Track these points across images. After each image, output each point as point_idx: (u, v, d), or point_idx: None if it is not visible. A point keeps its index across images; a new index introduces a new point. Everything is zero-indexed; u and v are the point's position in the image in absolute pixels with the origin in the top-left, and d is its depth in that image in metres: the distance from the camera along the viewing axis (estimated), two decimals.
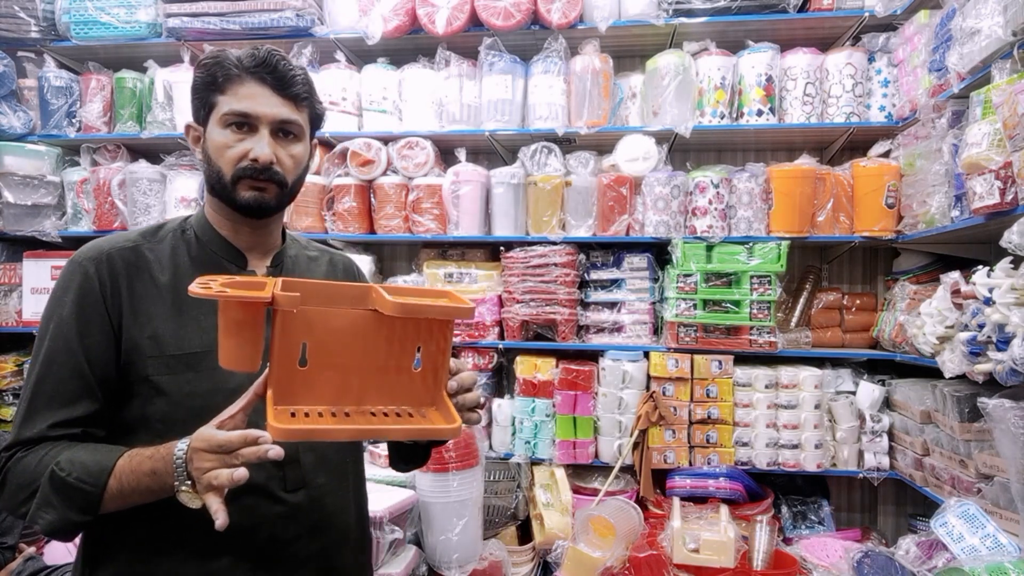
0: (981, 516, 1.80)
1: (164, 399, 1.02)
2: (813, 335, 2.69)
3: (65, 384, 1.00)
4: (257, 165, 1.06)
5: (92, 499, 0.93)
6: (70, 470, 0.93)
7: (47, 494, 0.94)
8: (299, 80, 1.09)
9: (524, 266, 2.70)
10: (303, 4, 2.78)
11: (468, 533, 2.29)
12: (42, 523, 0.95)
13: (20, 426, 0.99)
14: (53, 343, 1.01)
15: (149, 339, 1.03)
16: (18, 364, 3.04)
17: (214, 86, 1.07)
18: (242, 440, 0.85)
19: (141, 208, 2.92)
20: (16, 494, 0.96)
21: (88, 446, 0.98)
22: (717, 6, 2.58)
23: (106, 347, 1.02)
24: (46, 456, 0.96)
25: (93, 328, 1.02)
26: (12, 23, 2.93)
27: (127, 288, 1.05)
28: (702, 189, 2.61)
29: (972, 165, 1.84)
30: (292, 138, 1.10)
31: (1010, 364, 1.65)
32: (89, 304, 1.02)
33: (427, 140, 2.78)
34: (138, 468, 0.93)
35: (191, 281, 0.99)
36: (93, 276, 1.03)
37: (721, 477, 2.51)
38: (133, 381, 1.03)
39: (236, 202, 1.07)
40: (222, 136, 1.06)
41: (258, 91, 1.06)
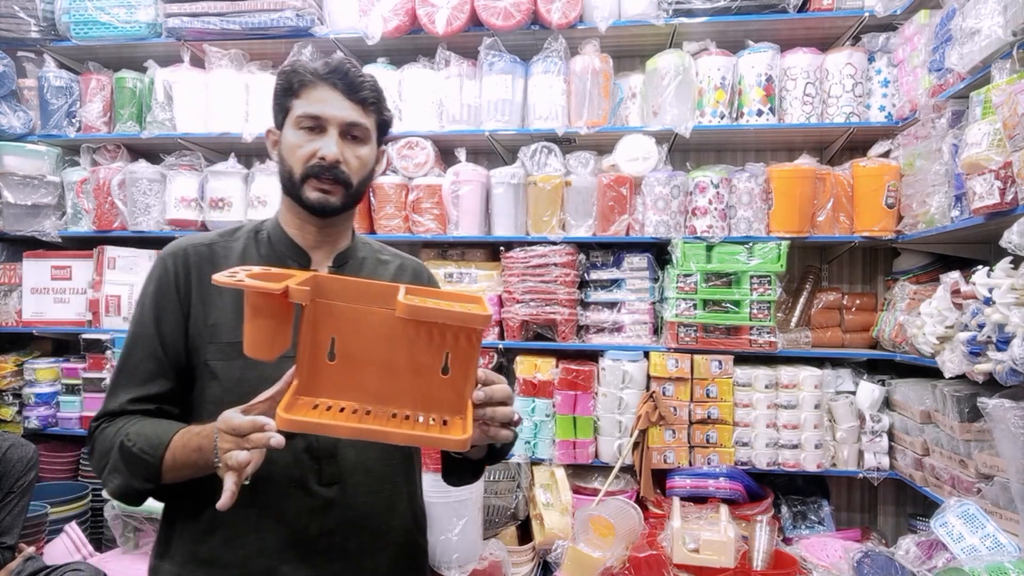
0: (981, 516, 1.80)
1: (217, 383, 1.11)
2: (813, 335, 2.69)
3: (143, 364, 1.12)
4: (324, 163, 1.12)
5: (152, 468, 1.03)
6: (135, 441, 1.04)
7: (116, 461, 1.05)
8: (367, 86, 1.16)
9: (524, 266, 2.70)
10: (303, 4, 2.78)
11: (468, 533, 2.29)
12: (112, 486, 1.07)
13: (106, 400, 1.13)
14: (136, 328, 1.14)
15: (210, 326, 1.13)
16: (18, 364, 3.04)
17: (290, 92, 1.16)
18: (251, 426, 0.90)
19: (141, 208, 2.92)
20: (99, 460, 1.09)
21: (155, 421, 1.08)
22: (717, 6, 2.58)
23: (178, 333, 1.13)
24: (121, 428, 1.07)
25: (168, 315, 1.13)
26: (12, 23, 2.93)
27: (197, 280, 1.14)
28: (702, 189, 2.61)
29: (972, 165, 1.84)
30: (359, 141, 1.17)
31: (1010, 364, 1.65)
32: (165, 294, 1.14)
33: (427, 140, 2.78)
34: (188, 444, 1.01)
35: None
36: (170, 269, 1.15)
37: (721, 477, 2.51)
38: (196, 364, 1.13)
39: (303, 201, 1.15)
40: (295, 137, 1.15)
41: (329, 95, 1.14)
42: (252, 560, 1.09)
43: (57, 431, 2.99)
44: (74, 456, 2.99)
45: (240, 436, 0.90)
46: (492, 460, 1.21)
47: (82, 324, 2.99)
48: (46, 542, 2.43)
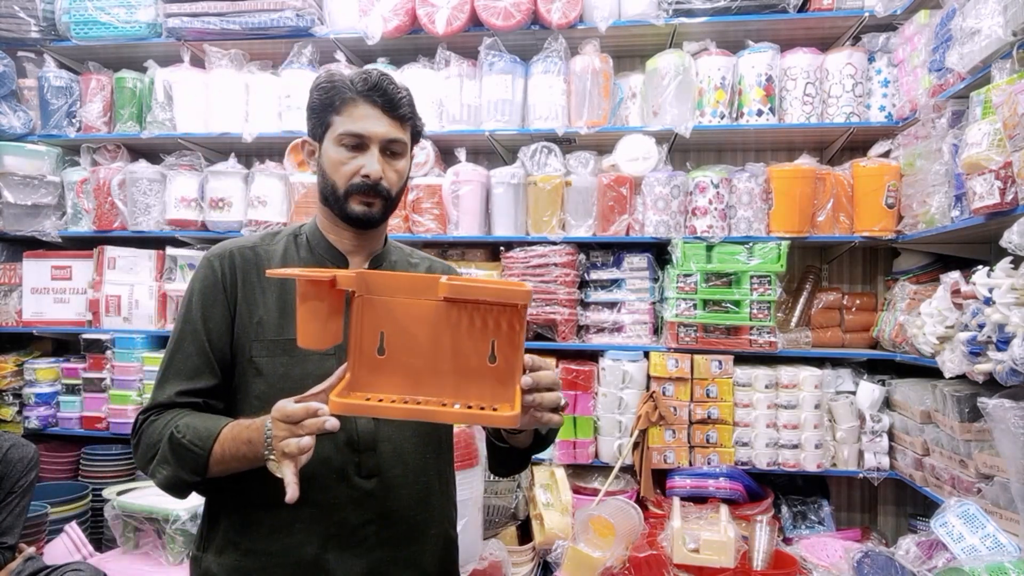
0: (981, 516, 1.80)
1: (262, 379, 1.16)
2: (813, 335, 2.69)
3: (191, 359, 1.16)
4: (368, 181, 1.17)
5: (200, 460, 1.06)
6: (185, 432, 1.07)
7: (165, 452, 1.08)
8: (405, 102, 1.20)
9: (524, 266, 2.70)
10: (303, 4, 2.78)
11: (468, 533, 2.29)
12: (159, 477, 1.09)
13: (154, 393, 1.17)
14: (183, 325, 1.18)
15: (256, 324, 1.18)
16: (18, 364, 3.04)
17: (331, 107, 1.18)
18: (305, 411, 0.94)
19: (141, 208, 2.92)
20: (146, 451, 1.12)
21: (203, 415, 1.12)
22: (717, 6, 2.58)
23: (224, 330, 1.18)
24: (171, 420, 1.10)
25: (215, 313, 1.18)
26: (12, 23, 2.93)
27: (243, 280, 1.20)
28: (702, 189, 2.61)
29: (972, 165, 1.84)
30: (397, 155, 1.22)
31: (1010, 364, 1.65)
32: (212, 293, 1.18)
33: (427, 140, 2.79)
34: (238, 436, 1.05)
35: None
36: (217, 269, 1.19)
37: (721, 477, 2.51)
38: (240, 361, 1.17)
39: (347, 214, 1.20)
40: (337, 153, 1.18)
41: (370, 112, 1.17)
42: (295, 550, 1.13)
43: (57, 431, 2.99)
44: (74, 456, 2.98)
45: (294, 423, 0.94)
46: (538, 447, 1.24)
47: (82, 324, 2.99)
48: (46, 542, 2.43)
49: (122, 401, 2.86)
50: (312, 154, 1.26)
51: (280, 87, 2.87)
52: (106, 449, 2.95)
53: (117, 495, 2.43)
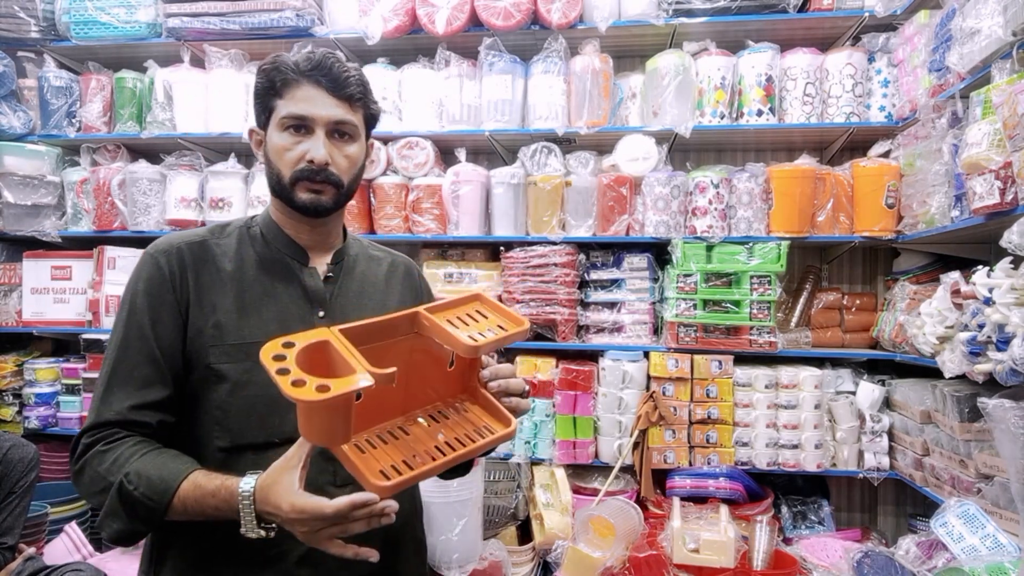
0: (981, 516, 1.80)
1: (223, 386, 1.06)
2: (813, 335, 2.69)
3: (139, 369, 1.05)
4: (313, 166, 1.10)
5: (156, 514, 0.97)
6: (137, 484, 0.97)
7: (115, 505, 0.98)
8: (353, 81, 1.12)
9: (524, 266, 2.70)
10: (303, 4, 2.78)
11: (468, 533, 2.29)
12: (109, 531, 0.99)
13: (98, 408, 1.04)
14: (127, 330, 1.07)
15: (212, 328, 1.08)
16: (18, 364, 3.04)
17: (273, 91, 1.11)
18: (350, 507, 0.86)
19: (141, 208, 2.92)
20: (91, 486, 1.01)
21: (156, 456, 1.01)
22: (717, 6, 2.58)
23: (175, 334, 1.07)
24: (119, 459, 0.99)
25: (163, 316, 1.07)
26: (12, 23, 2.93)
27: (194, 279, 1.10)
28: (702, 189, 2.61)
29: (972, 165, 1.84)
30: (347, 138, 1.14)
31: (1010, 364, 1.65)
32: (159, 293, 1.08)
33: (427, 140, 2.78)
34: (202, 501, 0.97)
35: (255, 275, 1.13)
36: (163, 267, 1.09)
37: (721, 477, 2.51)
38: (196, 368, 1.08)
39: (295, 203, 1.12)
40: (281, 139, 1.11)
41: (314, 93, 1.10)
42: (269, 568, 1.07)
43: (57, 431, 2.99)
44: None
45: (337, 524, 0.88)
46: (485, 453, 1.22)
47: (82, 324, 2.99)
48: (46, 542, 2.43)
49: None
50: (260, 144, 1.18)
51: None
52: None
53: None
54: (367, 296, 1.23)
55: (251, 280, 1.13)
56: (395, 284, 1.29)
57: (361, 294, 1.23)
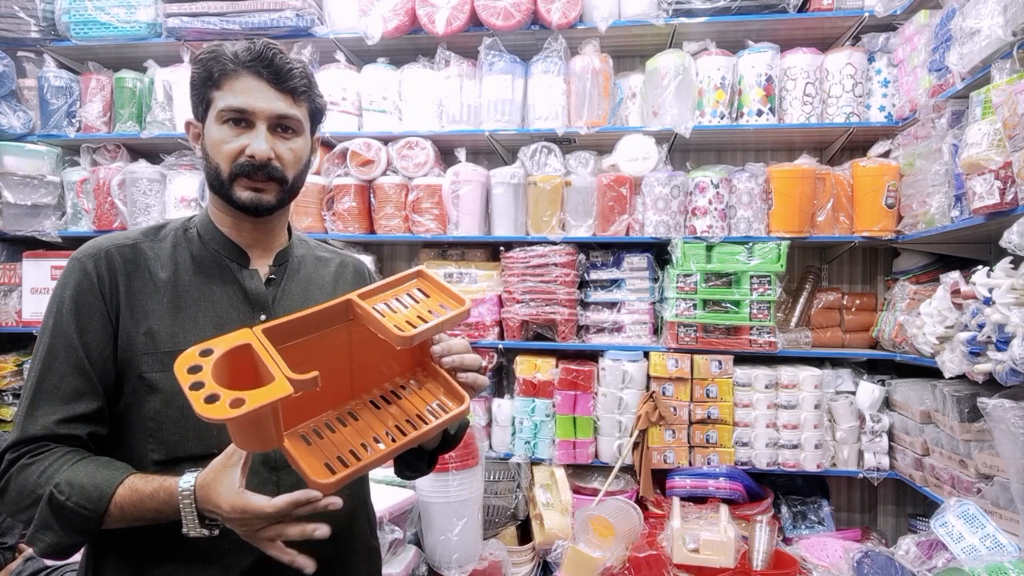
0: (981, 516, 1.80)
1: (157, 396, 1.01)
2: (813, 335, 2.69)
3: (66, 380, 0.99)
4: (255, 162, 1.04)
5: (91, 523, 0.93)
6: (69, 493, 0.92)
7: (46, 517, 0.93)
8: (297, 73, 1.07)
9: (524, 266, 2.70)
10: (303, 4, 2.78)
11: (468, 533, 2.29)
12: (41, 545, 0.94)
13: (23, 423, 0.98)
14: (53, 340, 1.01)
15: (144, 335, 1.02)
16: (18, 364, 3.04)
17: (210, 82, 1.05)
18: (291, 505, 0.85)
19: (141, 208, 2.92)
20: (17, 502, 0.96)
21: (87, 464, 0.96)
22: (717, 6, 2.58)
23: (105, 343, 1.02)
24: (46, 472, 0.94)
25: (92, 324, 1.01)
26: (12, 23, 2.93)
27: (125, 284, 1.04)
28: (702, 189, 2.61)
29: (972, 165, 1.84)
30: (291, 133, 1.08)
31: (1010, 364, 1.65)
32: (87, 301, 1.02)
33: (427, 140, 2.78)
34: (140, 505, 0.93)
35: (191, 278, 1.07)
36: (91, 272, 1.03)
37: (721, 477, 2.51)
38: (128, 378, 1.02)
39: (234, 200, 1.06)
40: (219, 132, 1.05)
41: (254, 85, 1.04)
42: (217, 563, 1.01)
43: None
44: None
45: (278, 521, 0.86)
46: (446, 448, 1.21)
47: None
48: None
49: None
50: (197, 137, 1.10)
51: None
52: None
53: None
54: (312, 299, 1.16)
55: (186, 284, 1.07)
56: (343, 286, 1.23)
57: (306, 297, 1.16)
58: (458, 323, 0.96)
